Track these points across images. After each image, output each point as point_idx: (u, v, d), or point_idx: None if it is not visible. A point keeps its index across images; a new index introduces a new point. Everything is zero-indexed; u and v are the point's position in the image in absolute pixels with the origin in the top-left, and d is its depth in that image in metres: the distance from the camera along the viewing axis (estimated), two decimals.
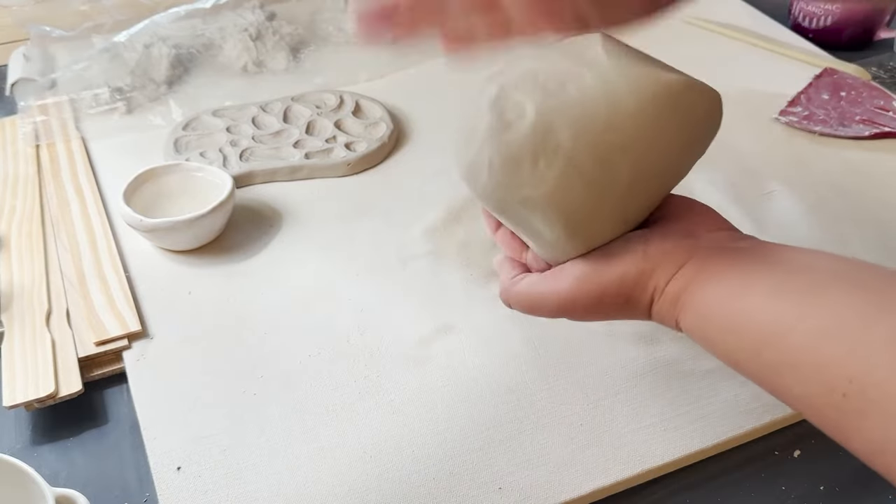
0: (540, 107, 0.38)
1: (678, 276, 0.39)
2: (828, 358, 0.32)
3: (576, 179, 0.38)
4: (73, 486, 0.42)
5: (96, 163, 0.70)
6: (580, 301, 0.41)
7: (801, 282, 0.35)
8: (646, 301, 0.40)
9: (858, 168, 0.67)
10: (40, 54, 0.82)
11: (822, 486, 0.46)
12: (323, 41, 0.86)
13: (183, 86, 0.79)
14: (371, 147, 0.70)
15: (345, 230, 0.63)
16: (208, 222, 0.59)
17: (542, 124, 0.38)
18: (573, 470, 0.45)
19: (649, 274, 0.40)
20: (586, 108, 0.38)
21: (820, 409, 0.33)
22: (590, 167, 0.38)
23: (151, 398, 0.50)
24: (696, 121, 0.40)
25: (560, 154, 0.38)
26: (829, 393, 0.31)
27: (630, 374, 0.50)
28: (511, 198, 0.40)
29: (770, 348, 0.34)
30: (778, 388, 0.35)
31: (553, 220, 0.40)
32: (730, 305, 0.36)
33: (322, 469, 0.46)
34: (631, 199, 0.40)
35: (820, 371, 0.32)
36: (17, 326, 0.54)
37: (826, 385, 0.32)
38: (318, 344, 0.53)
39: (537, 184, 0.39)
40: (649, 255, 0.40)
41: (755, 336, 0.35)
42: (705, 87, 0.40)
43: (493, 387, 0.50)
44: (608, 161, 0.38)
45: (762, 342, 0.34)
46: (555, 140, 0.38)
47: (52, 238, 0.62)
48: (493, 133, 0.40)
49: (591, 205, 0.39)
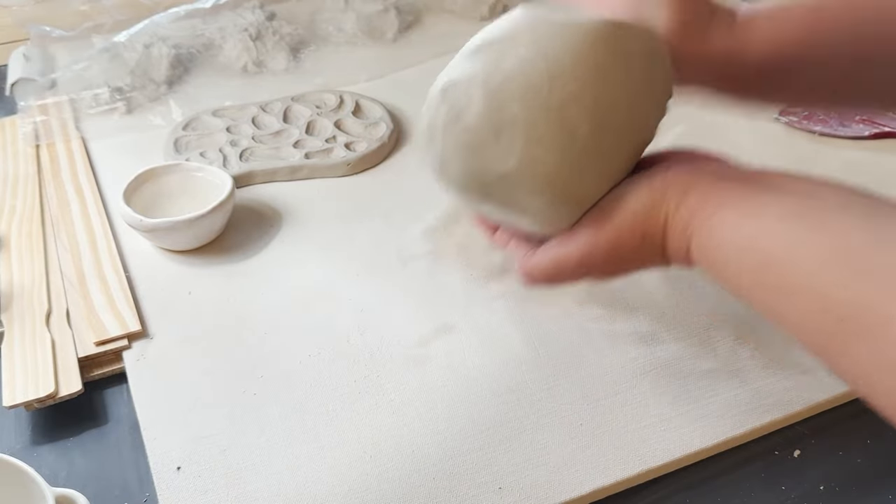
0: (486, 87, 0.40)
1: (686, 202, 0.39)
2: (831, 281, 0.32)
3: (541, 143, 0.39)
4: (73, 486, 0.42)
5: (96, 163, 0.70)
6: (599, 249, 0.42)
7: (809, 209, 0.35)
8: (659, 233, 0.40)
9: (858, 168, 0.67)
10: (40, 54, 0.82)
11: (822, 486, 0.46)
12: (323, 41, 0.86)
13: (183, 86, 0.79)
14: (371, 147, 0.70)
15: (345, 230, 0.63)
16: (208, 222, 0.59)
17: (494, 102, 0.39)
18: (573, 470, 0.45)
19: (659, 204, 0.40)
20: (529, 77, 0.39)
21: (814, 332, 0.33)
22: (549, 128, 0.39)
23: (151, 398, 0.50)
24: (636, 56, 0.40)
25: (518, 124, 0.39)
26: (826, 315, 0.32)
27: (630, 374, 0.50)
28: (487, 180, 0.41)
29: (775, 270, 0.34)
30: (777, 311, 0.35)
31: (535, 188, 0.40)
32: (738, 230, 0.37)
33: (322, 469, 0.46)
34: (606, 149, 0.41)
35: (821, 293, 0.32)
36: (17, 326, 0.54)
37: (825, 308, 0.32)
38: (318, 344, 0.53)
39: (506, 157, 0.40)
40: (655, 187, 0.40)
41: (761, 259, 0.35)
42: (635, 24, 0.41)
43: (493, 387, 0.50)
44: (564, 117, 0.39)
45: (767, 265, 0.35)
46: (510, 113, 0.39)
47: (52, 238, 0.62)
48: (450, 123, 0.41)
49: (565, 163, 0.40)
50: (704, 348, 0.52)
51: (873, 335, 0.30)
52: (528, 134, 0.39)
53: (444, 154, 0.42)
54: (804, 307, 0.33)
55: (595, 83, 0.39)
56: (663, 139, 0.41)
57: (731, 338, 0.52)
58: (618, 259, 0.42)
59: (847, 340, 0.31)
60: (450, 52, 0.45)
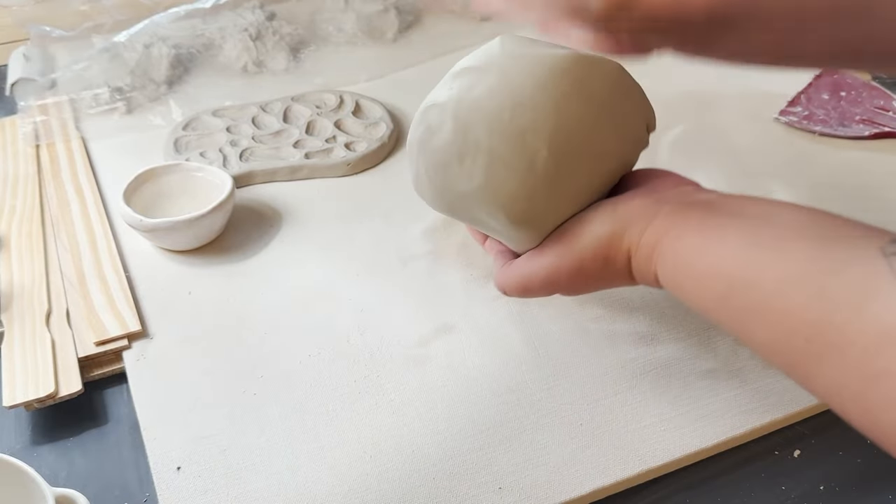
0: (455, 112, 0.43)
1: (650, 230, 0.41)
2: (793, 304, 0.33)
3: (501, 168, 0.42)
4: (73, 486, 0.42)
5: (96, 163, 0.70)
6: (563, 270, 0.44)
7: (768, 234, 0.36)
8: (623, 259, 0.42)
9: (858, 168, 0.67)
10: (40, 54, 0.82)
11: (822, 486, 0.46)
12: (323, 41, 0.86)
13: (183, 86, 0.79)
14: (371, 147, 0.70)
15: (345, 230, 0.63)
16: (208, 222, 0.59)
17: (460, 126, 0.42)
18: (573, 470, 0.45)
19: (621, 233, 0.42)
20: (493, 104, 0.42)
21: (783, 353, 0.34)
22: (510, 153, 0.41)
23: (151, 398, 0.50)
24: (599, 87, 0.43)
25: (481, 149, 0.42)
26: (792, 337, 0.33)
27: (630, 374, 0.50)
28: (451, 199, 0.45)
29: (739, 295, 0.36)
30: (745, 333, 0.36)
31: (493, 209, 0.43)
32: (702, 255, 0.38)
33: (322, 469, 0.46)
34: (567, 174, 0.42)
35: (785, 316, 0.33)
36: (17, 326, 0.54)
37: (790, 330, 0.33)
38: (318, 344, 0.53)
39: (468, 179, 0.42)
40: (618, 214, 0.42)
41: (725, 283, 0.36)
42: (599, 57, 0.43)
43: (493, 387, 0.50)
44: (525, 143, 0.41)
45: (732, 289, 0.36)
46: (474, 138, 0.42)
47: (52, 238, 0.62)
48: (425, 142, 0.44)
49: (525, 187, 0.42)
50: (704, 348, 0.52)
51: (839, 354, 0.31)
52: (489, 157, 0.42)
53: (419, 170, 0.46)
54: (772, 329, 0.34)
55: (556, 112, 0.41)
56: (663, 139, 0.41)
57: (731, 338, 0.52)
58: (583, 279, 0.44)
59: (815, 360, 0.32)
60: (450, 52, 0.45)
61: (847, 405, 0.32)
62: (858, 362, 0.30)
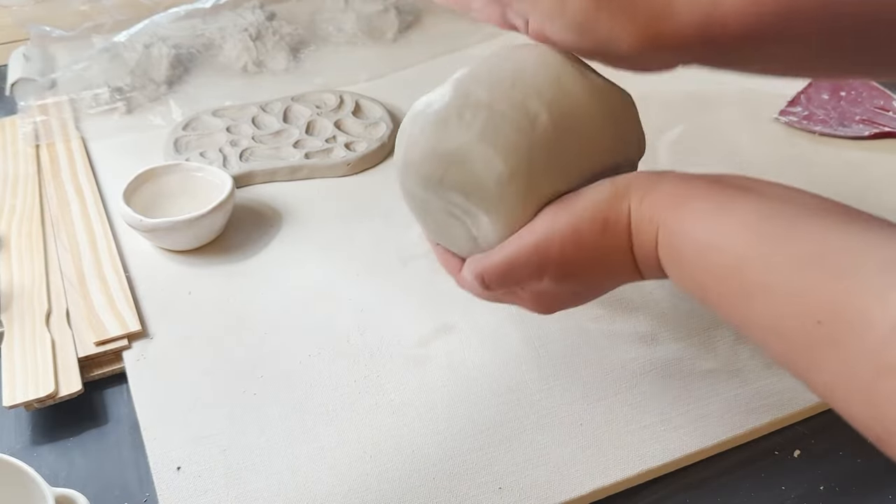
0: (456, 81, 0.43)
1: (654, 193, 0.38)
2: (809, 283, 0.30)
3: (501, 120, 0.41)
4: (73, 486, 0.42)
5: (96, 163, 0.70)
6: (556, 238, 0.40)
7: (785, 209, 0.33)
8: (623, 224, 0.38)
9: (858, 168, 0.67)
10: (40, 54, 0.82)
11: (822, 486, 0.46)
12: (323, 41, 0.86)
13: (183, 86, 0.79)
14: (371, 147, 0.70)
15: (345, 230, 0.63)
16: (208, 222, 0.59)
17: (461, 90, 0.42)
18: (573, 470, 0.45)
19: (622, 195, 0.39)
20: (495, 73, 0.43)
21: (787, 338, 0.31)
22: (511, 111, 0.41)
23: (151, 398, 0.50)
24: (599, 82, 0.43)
25: (482, 106, 0.42)
26: (801, 320, 0.30)
27: (630, 374, 0.50)
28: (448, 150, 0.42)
29: (746, 270, 0.33)
30: (743, 314, 0.34)
31: (493, 156, 0.41)
32: (708, 223, 0.35)
33: (322, 469, 0.46)
34: (564, 147, 0.41)
35: (797, 297, 0.30)
36: (17, 326, 0.54)
37: (800, 312, 0.30)
38: (318, 344, 0.53)
39: (468, 129, 0.42)
40: (618, 182, 0.40)
41: (731, 256, 0.33)
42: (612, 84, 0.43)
43: (493, 387, 0.50)
44: (526, 105, 0.41)
45: (738, 263, 0.33)
46: (475, 97, 0.42)
47: (52, 238, 0.62)
48: (421, 113, 0.43)
49: (525, 140, 0.41)
50: (704, 348, 0.52)
51: (857, 339, 0.28)
52: (490, 111, 0.41)
53: (410, 140, 0.44)
54: (778, 310, 0.31)
55: (557, 86, 0.42)
56: (663, 139, 0.41)
57: (731, 338, 0.52)
58: (577, 252, 0.40)
59: (824, 346, 0.30)
60: (450, 52, 0.45)
61: (852, 397, 0.29)
62: (874, 350, 0.28)
